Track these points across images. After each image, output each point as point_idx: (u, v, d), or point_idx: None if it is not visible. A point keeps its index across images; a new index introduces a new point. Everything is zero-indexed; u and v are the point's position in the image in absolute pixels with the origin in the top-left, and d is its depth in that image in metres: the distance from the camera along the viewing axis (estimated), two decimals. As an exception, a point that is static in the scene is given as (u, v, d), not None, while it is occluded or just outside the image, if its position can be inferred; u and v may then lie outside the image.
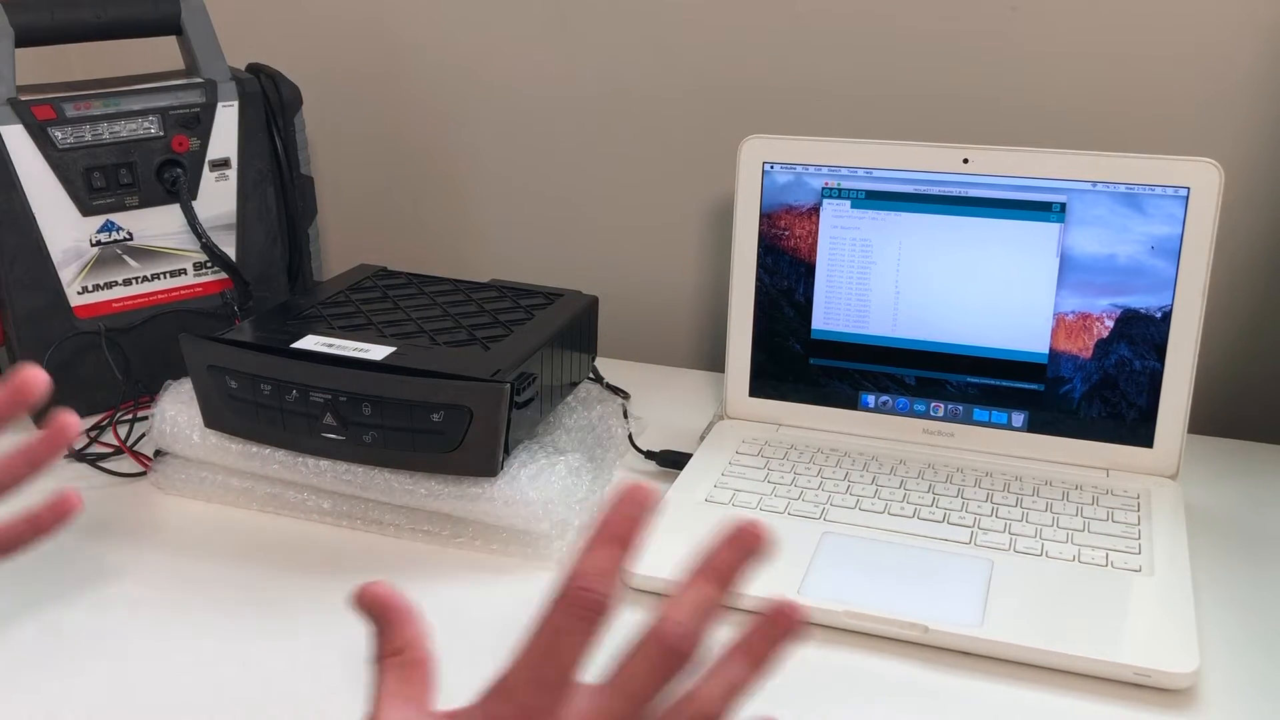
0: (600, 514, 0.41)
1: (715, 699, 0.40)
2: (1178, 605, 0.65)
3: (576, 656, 0.39)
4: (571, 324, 0.84)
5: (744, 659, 0.41)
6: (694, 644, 0.39)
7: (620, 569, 0.40)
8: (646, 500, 0.41)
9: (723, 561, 0.41)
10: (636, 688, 0.39)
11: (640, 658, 0.39)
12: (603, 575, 0.39)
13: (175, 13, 0.92)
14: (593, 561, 0.39)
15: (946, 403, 0.84)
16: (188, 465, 0.81)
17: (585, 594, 0.39)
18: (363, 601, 0.44)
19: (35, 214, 0.86)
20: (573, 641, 0.39)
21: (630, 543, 0.40)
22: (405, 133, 1.12)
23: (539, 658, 0.39)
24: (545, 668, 0.39)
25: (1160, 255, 0.77)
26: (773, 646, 0.41)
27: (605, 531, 0.40)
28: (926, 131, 0.94)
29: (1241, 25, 0.86)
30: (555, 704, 0.39)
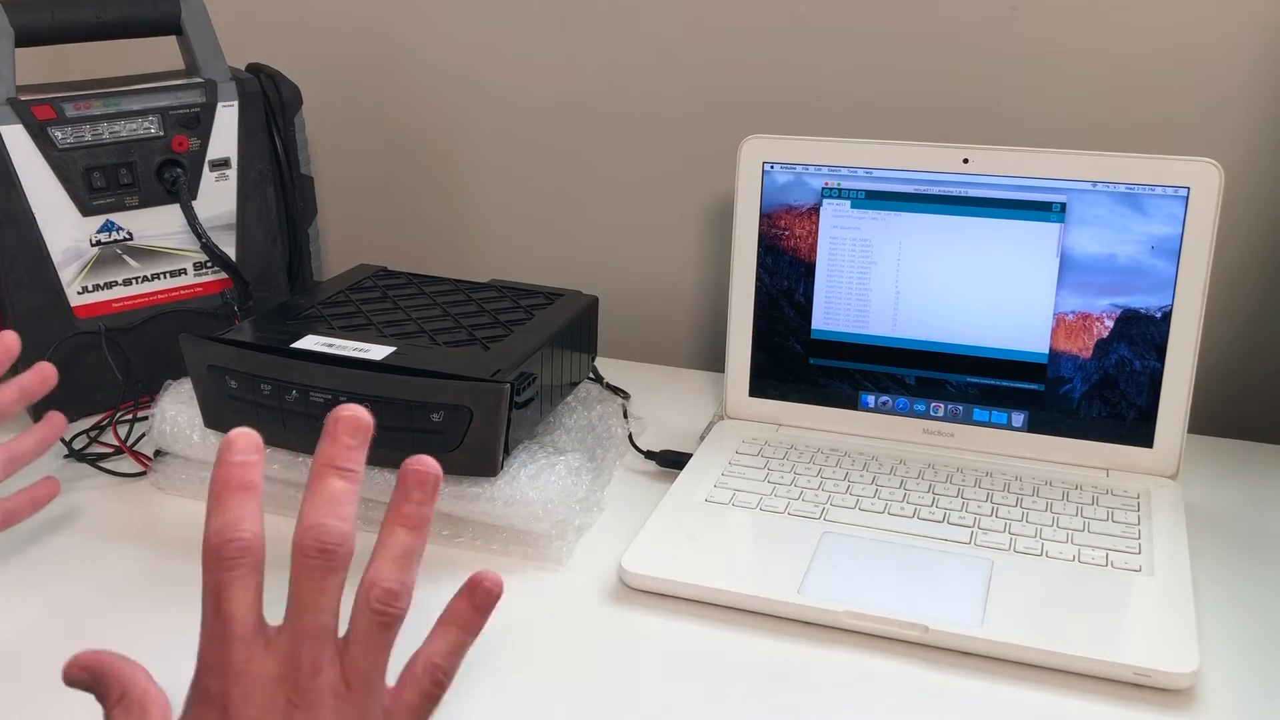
0: (214, 473, 0.43)
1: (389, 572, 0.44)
2: (1178, 605, 0.65)
3: (247, 604, 0.41)
4: (571, 324, 0.84)
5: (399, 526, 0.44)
6: (336, 535, 0.42)
7: (255, 509, 0.42)
8: (249, 443, 0.43)
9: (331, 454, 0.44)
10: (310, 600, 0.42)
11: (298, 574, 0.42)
12: (238, 521, 0.41)
13: (175, 13, 0.92)
14: (224, 513, 0.42)
15: (946, 403, 0.84)
16: (188, 465, 0.81)
17: (228, 544, 0.41)
18: (72, 675, 0.45)
19: (35, 214, 0.86)
20: (235, 592, 0.41)
21: (251, 485, 0.43)
22: (405, 132, 1.12)
23: (213, 620, 0.41)
24: (222, 626, 0.40)
25: (1160, 255, 0.77)
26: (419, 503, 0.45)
27: (224, 484, 0.42)
28: (926, 131, 0.94)
29: (1241, 25, 0.86)
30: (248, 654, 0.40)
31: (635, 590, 0.69)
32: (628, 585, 0.69)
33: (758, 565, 0.70)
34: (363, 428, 0.44)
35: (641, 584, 0.69)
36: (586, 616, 0.68)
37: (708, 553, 0.71)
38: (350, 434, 0.43)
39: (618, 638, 0.65)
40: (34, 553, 0.74)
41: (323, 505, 0.42)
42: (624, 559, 0.70)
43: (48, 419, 0.71)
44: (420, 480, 0.45)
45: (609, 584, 0.70)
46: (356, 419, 0.44)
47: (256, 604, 0.41)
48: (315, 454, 0.43)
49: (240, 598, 0.41)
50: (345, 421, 0.43)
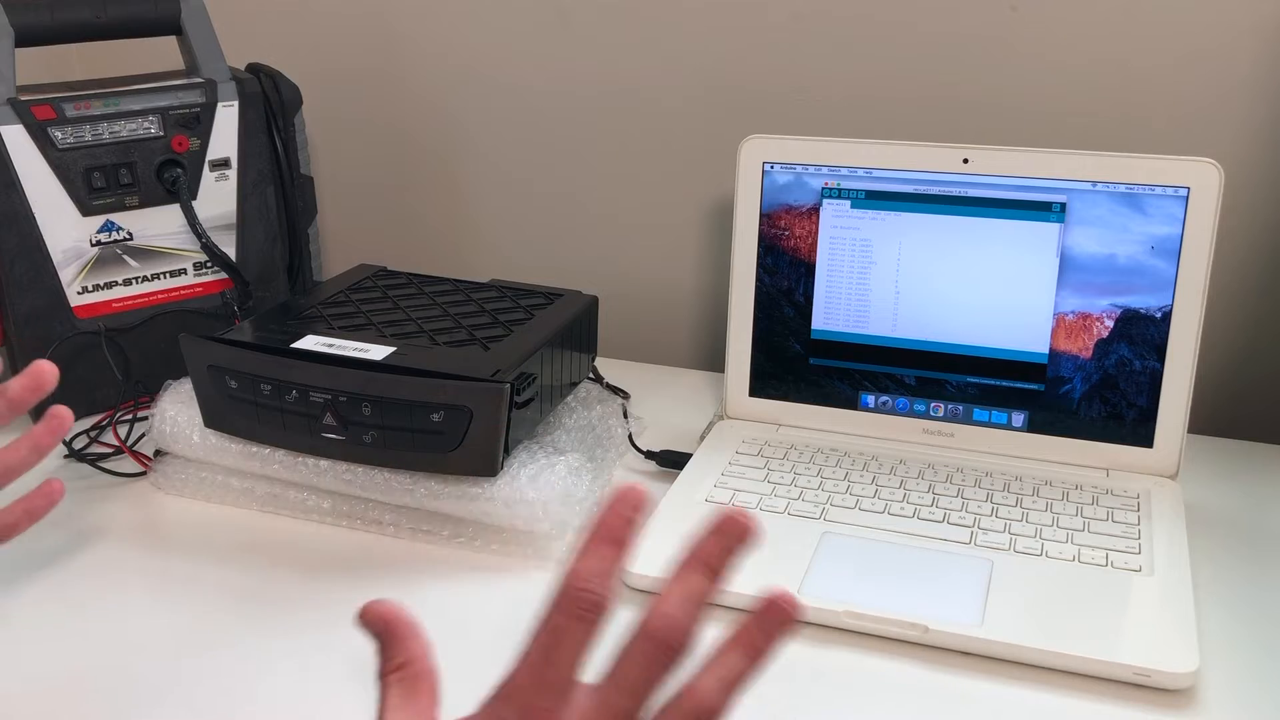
0: (595, 515, 0.41)
1: (713, 691, 0.40)
2: (1178, 605, 0.65)
3: (577, 656, 0.39)
4: (571, 324, 0.84)
5: (740, 650, 0.41)
6: (685, 635, 0.40)
7: (617, 569, 0.40)
8: (640, 501, 0.41)
9: (710, 552, 0.41)
10: (633, 683, 0.39)
11: (634, 652, 0.40)
12: (600, 575, 0.40)
13: (175, 13, 0.92)
14: (590, 562, 0.40)
15: (946, 403, 0.84)
16: (188, 465, 0.81)
17: (584, 594, 0.39)
18: (366, 618, 0.45)
19: (35, 214, 0.86)
20: (573, 642, 0.39)
21: (625, 543, 0.41)
22: (405, 133, 1.12)
23: (540, 659, 0.40)
24: (546, 669, 0.39)
25: (1160, 255, 0.77)
26: (769, 638, 0.41)
27: (601, 532, 0.41)
28: (926, 131, 0.94)
29: (1241, 26, 0.86)
30: (557, 705, 0.39)
31: (635, 590, 0.69)
32: (628, 585, 0.69)
33: (758, 565, 0.70)
34: (752, 538, 0.42)
35: (641, 584, 0.69)
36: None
37: (708, 553, 0.71)
38: (738, 539, 0.42)
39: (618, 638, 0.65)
40: (34, 553, 0.74)
41: (685, 600, 0.40)
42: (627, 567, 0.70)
43: (46, 419, 0.65)
44: (782, 617, 0.42)
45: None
46: (748, 528, 0.42)
47: (584, 660, 0.40)
48: (696, 544, 0.42)
49: (574, 649, 0.40)
50: (738, 526, 0.42)
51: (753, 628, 0.41)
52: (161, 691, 0.61)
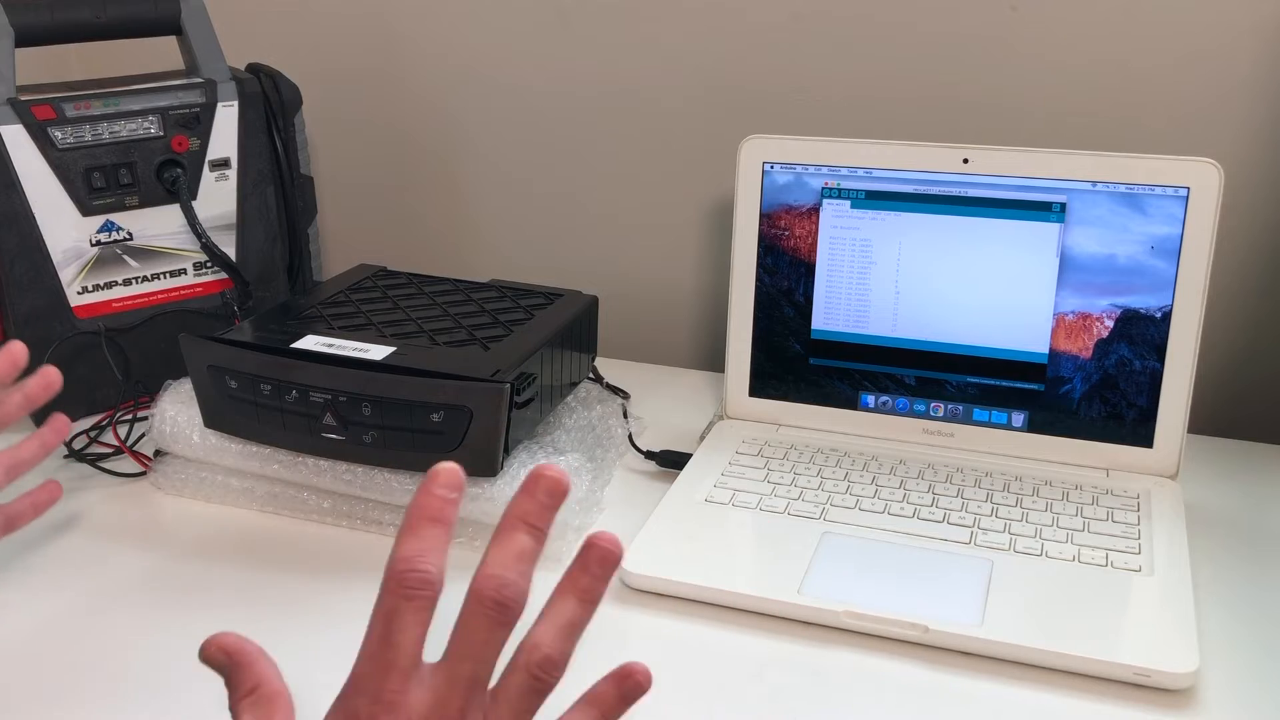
0: (413, 498, 0.42)
1: (552, 640, 0.42)
2: (1178, 605, 0.65)
3: (416, 635, 0.40)
4: (571, 324, 0.84)
5: (573, 597, 0.42)
6: (516, 593, 0.41)
7: (441, 545, 0.41)
8: (452, 478, 0.42)
9: (526, 509, 0.42)
10: (474, 647, 0.40)
11: (470, 618, 0.40)
12: (425, 553, 0.40)
13: (175, 13, 0.92)
14: (413, 542, 0.40)
15: (946, 403, 0.84)
16: (188, 465, 0.81)
17: (411, 574, 0.40)
18: (209, 653, 0.45)
19: (35, 214, 0.86)
20: (408, 622, 0.40)
21: (447, 521, 0.41)
22: (405, 133, 1.12)
23: (379, 644, 0.40)
24: (387, 651, 0.40)
25: (1160, 255, 0.77)
26: (596, 579, 0.43)
27: (418, 513, 0.41)
28: (926, 131, 0.94)
29: (1241, 26, 0.86)
30: (404, 684, 0.40)
31: (635, 590, 0.69)
32: (628, 585, 0.69)
33: (758, 565, 0.70)
34: (561, 491, 0.43)
35: (641, 584, 0.69)
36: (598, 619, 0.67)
37: (708, 553, 0.71)
38: (548, 494, 0.43)
39: (618, 638, 0.65)
40: (34, 553, 0.74)
41: (509, 558, 0.41)
42: (624, 559, 0.70)
43: (50, 422, 0.71)
44: (603, 557, 0.43)
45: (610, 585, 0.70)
46: (557, 481, 0.43)
47: (423, 638, 0.40)
48: (509, 506, 0.43)
49: (410, 628, 0.40)
50: (546, 481, 0.43)
51: (578, 572, 0.43)
52: (161, 691, 0.61)
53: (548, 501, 0.42)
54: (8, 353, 0.67)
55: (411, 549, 0.40)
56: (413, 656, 0.40)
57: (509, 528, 0.42)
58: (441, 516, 0.41)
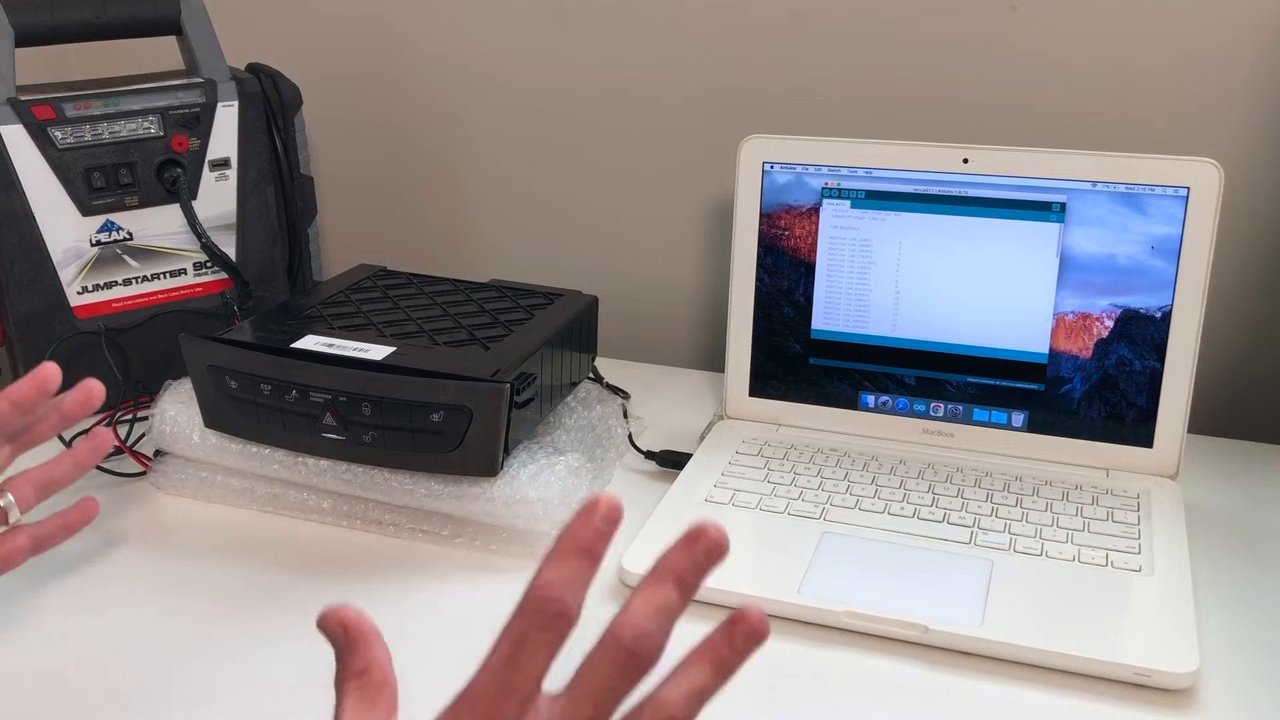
0: (567, 524, 0.40)
1: (677, 703, 0.40)
2: (1178, 605, 0.65)
3: (542, 665, 0.39)
4: (571, 324, 0.84)
5: (708, 663, 0.41)
6: (653, 647, 0.39)
7: (587, 580, 0.40)
8: (615, 513, 0.41)
9: (682, 565, 0.40)
10: (598, 692, 0.39)
11: (600, 662, 0.39)
12: (569, 585, 0.39)
13: (175, 13, 0.92)
14: (558, 571, 0.39)
15: (946, 403, 0.84)
16: (188, 465, 0.81)
17: (551, 603, 0.39)
18: (327, 623, 0.44)
19: (35, 214, 0.86)
20: (538, 650, 0.39)
21: (597, 555, 0.40)
22: (405, 133, 1.12)
23: (503, 666, 0.39)
24: (511, 676, 0.39)
25: (1160, 255, 0.77)
26: (737, 653, 0.41)
27: (571, 542, 0.40)
28: (926, 131, 0.94)
29: (1241, 26, 0.86)
30: (519, 713, 0.39)
31: (635, 590, 0.69)
32: (628, 585, 0.69)
33: (758, 565, 0.70)
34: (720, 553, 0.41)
35: (641, 584, 0.69)
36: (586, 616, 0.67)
37: (708, 553, 0.71)
38: (706, 554, 0.40)
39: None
40: (34, 553, 0.74)
41: (653, 610, 0.40)
42: (624, 559, 0.70)
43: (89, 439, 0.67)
44: (749, 633, 0.41)
45: (609, 584, 0.70)
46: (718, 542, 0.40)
47: (548, 669, 0.40)
48: (664, 556, 0.41)
49: (538, 657, 0.39)
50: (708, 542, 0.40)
51: (721, 642, 0.41)
52: (161, 691, 0.61)
53: (704, 561, 0.40)
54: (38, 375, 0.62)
55: (556, 577, 0.39)
56: (534, 685, 0.39)
57: (658, 579, 0.40)
58: (593, 549, 0.40)
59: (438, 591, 0.70)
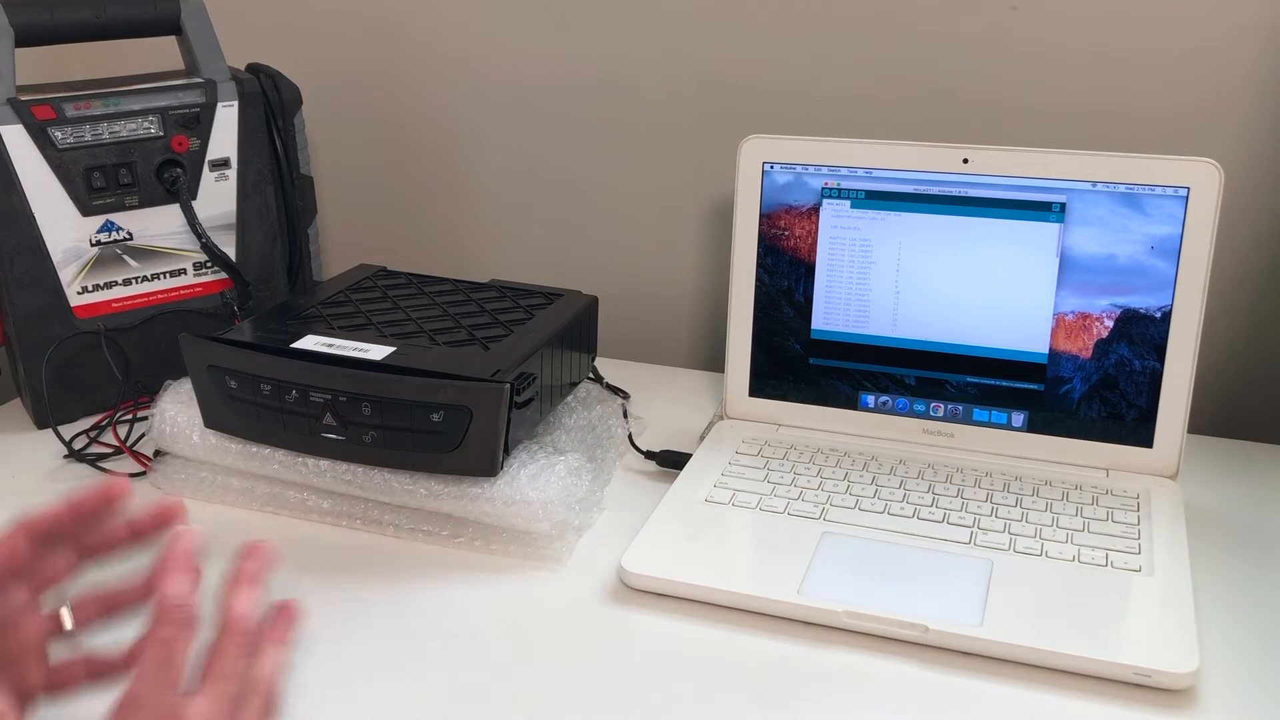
0: (164, 551, 0.50)
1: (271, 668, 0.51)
2: (1178, 605, 0.65)
3: (185, 661, 0.48)
4: (571, 324, 0.84)
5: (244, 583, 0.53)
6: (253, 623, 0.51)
7: (197, 589, 0.50)
8: (195, 539, 0.51)
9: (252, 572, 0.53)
10: (231, 669, 0.49)
11: (226, 646, 0.49)
12: (189, 594, 0.49)
13: (175, 13, 0.92)
14: (178, 585, 0.49)
15: (946, 403, 0.84)
16: (188, 465, 0.81)
17: (183, 608, 0.48)
18: None
19: (35, 214, 0.86)
20: (180, 647, 0.47)
21: (198, 570, 0.50)
22: (405, 133, 1.12)
23: (157, 667, 0.47)
24: (167, 672, 0.47)
25: (1160, 255, 0.77)
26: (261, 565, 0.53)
27: (176, 563, 0.50)
28: (926, 131, 0.94)
29: (1241, 25, 0.86)
30: (180, 700, 0.46)
31: (635, 590, 0.69)
32: (628, 585, 0.69)
33: (758, 565, 0.70)
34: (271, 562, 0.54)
35: (641, 584, 0.69)
36: (586, 616, 0.68)
37: (708, 553, 0.71)
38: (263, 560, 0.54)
39: (618, 638, 0.65)
40: (34, 553, 0.74)
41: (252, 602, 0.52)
42: (624, 559, 0.70)
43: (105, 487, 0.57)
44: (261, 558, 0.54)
45: (609, 584, 0.70)
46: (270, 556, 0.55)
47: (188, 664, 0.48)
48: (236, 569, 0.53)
49: (184, 654, 0.47)
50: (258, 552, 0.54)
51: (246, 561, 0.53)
52: (161, 691, 0.61)
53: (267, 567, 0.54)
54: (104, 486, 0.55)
55: (180, 590, 0.49)
56: (183, 678, 0.47)
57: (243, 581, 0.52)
58: (193, 565, 0.50)
59: (438, 591, 0.70)
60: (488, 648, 0.65)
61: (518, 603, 0.69)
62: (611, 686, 0.61)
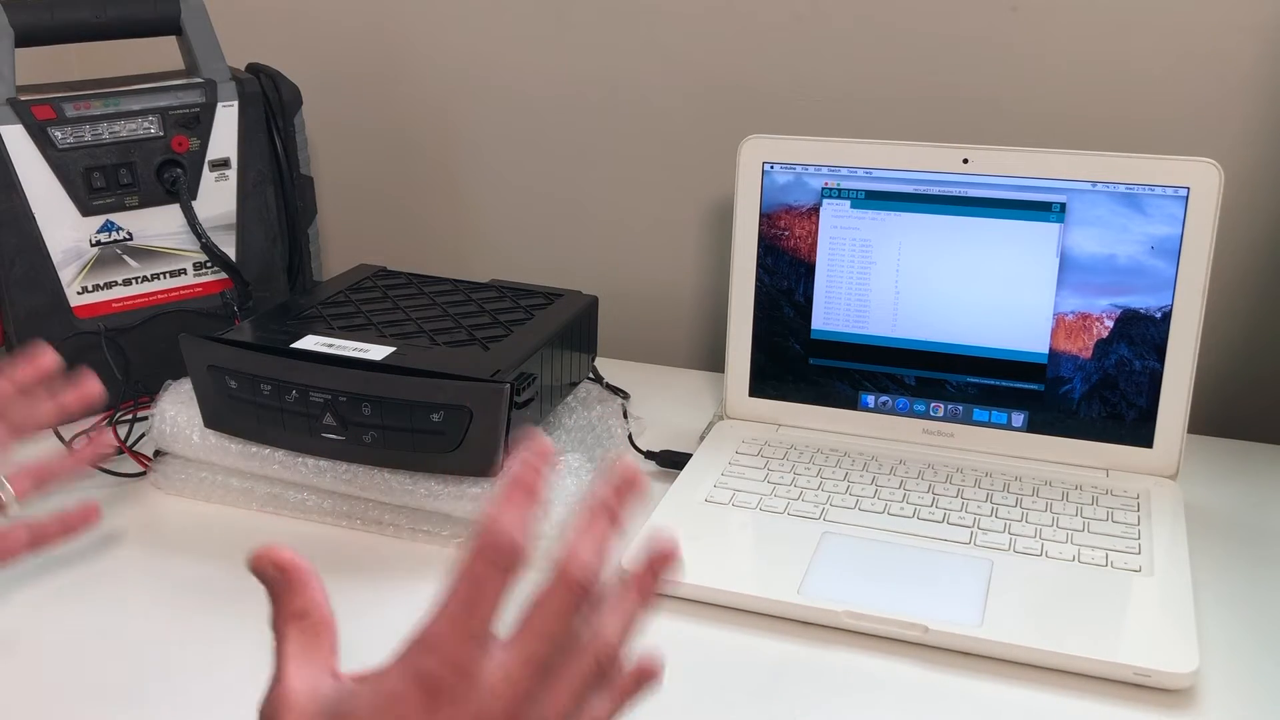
0: (507, 469, 0.42)
1: (616, 634, 0.43)
2: (1178, 605, 0.65)
3: (495, 605, 0.40)
4: (571, 324, 0.84)
5: (635, 594, 0.43)
6: (598, 579, 0.41)
7: (533, 518, 0.41)
8: (547, 456, 0.42)
9: (610, 501, 0.43)
10: (550, 627, 0.40)
11: (551, 599, 0.41)
12: (519, 526, 0.40)
13: (175, 13, 0.92)
14: (508, 513, 0.40)
15: (946, 403, 0.84)
16: (187, 465, 0.81)
17: (505, 543, 0.39)
18: (260, 564, 0.43)
19: (35, 214, 0.86)
20: (493, 591, 0.39)
21: (538, 492, 0.41)
22: (405, 133, 1.12)
23: (461, 610, 0.39)
24: (469, 619, 0.39)
25: (1160, 255, 0.77)
26: (656, 578, 0.44)
27: (515, 484, 0.41)
28: (926, 131, 0.94)
29: (1242, 26, 0.86)
30: (479, 652, 0.39)
31: (635, 590, 0.69)
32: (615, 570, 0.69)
33: (758, 565, 0.70)
34: (639, 484, 0.44)
35: (641, 584, 0.69)
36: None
37: (708, 553, 0.71)
38: (628, 485, 0.44)
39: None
40: (34, 553, 0.74)
41: (598, 548, 0.42)
42: (624, 559, 0.70)
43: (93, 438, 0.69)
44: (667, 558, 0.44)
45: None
46: (637, 477, 0.44)
47: (501, 610, 0.40)
48: (594, 496, 0.43)
49: (494, 599, 0.40)
50: (626, 473, 0.44)
51: (644, 572, 0.44)
52: (161, 690, 0.61)
53: (630, 494, 0.43)
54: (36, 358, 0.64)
55: (508, 519, 0.40)
56: (490, 626, 0.40)
57: (597, 515, 0.42)
58: (535, 487, 0.41)
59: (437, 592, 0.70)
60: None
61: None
62: (611, 686, 0.61)
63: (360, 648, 0.65)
